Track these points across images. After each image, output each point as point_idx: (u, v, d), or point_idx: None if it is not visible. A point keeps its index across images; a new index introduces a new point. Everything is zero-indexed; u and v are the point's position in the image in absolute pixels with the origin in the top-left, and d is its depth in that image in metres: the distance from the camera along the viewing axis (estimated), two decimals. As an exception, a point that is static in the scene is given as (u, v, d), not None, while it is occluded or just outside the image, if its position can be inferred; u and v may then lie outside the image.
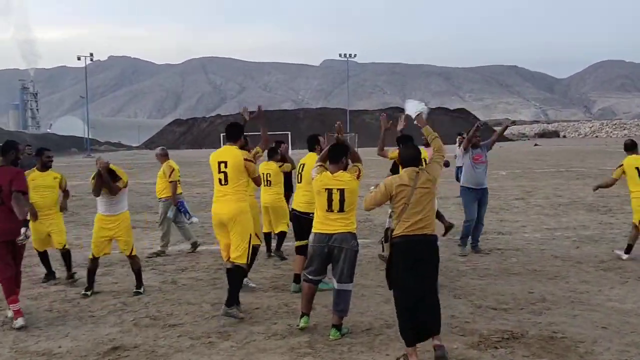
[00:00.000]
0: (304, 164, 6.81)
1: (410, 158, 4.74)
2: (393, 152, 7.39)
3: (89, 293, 6.58)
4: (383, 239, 4.96)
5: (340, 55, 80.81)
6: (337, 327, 5.14)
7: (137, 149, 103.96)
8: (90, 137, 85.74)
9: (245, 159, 5.80)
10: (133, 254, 6.74)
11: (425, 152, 6.73)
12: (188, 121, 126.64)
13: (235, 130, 6.11)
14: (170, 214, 8.87)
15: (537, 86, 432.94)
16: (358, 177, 5.24)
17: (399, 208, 4.55)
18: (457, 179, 11.60)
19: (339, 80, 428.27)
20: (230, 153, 5.82)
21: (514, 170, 26.16)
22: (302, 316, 5.33)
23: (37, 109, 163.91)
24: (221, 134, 77.08)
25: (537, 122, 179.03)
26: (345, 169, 5.25)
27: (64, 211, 7.47)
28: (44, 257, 7.37)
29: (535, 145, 69.48)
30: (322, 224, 5.15)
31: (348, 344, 4.95)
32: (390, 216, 6.15)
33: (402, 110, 6.04)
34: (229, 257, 5.82)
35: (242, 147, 6.12)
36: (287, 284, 6.95)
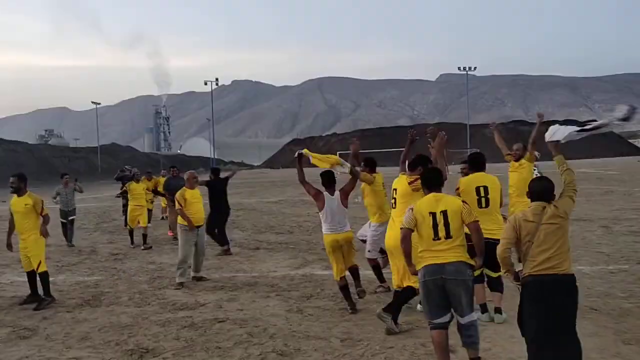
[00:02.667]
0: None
1: (540, 191, 4.35)
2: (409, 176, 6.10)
3: None
4: (513, 279, 4.43)
5: (459, 68, 78.56)
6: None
7: (258, 168, 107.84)
8: (215, 156, 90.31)
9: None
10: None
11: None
12: (305, 140, 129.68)
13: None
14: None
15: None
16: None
17: (524, 246, 4.23)
18: None
19: (456, 94, 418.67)
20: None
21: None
22: None
23: (169, 132, 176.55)
24: (337, 152, 77.95)
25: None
26: None
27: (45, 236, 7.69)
28: (30, 277, 7.68)
29: (682, 158, 62.71)
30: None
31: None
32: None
33: (524, 122, 5.52)
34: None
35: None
36: (422, 319, 6.31)
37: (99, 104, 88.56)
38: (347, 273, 6.88)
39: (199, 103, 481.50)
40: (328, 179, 6.90)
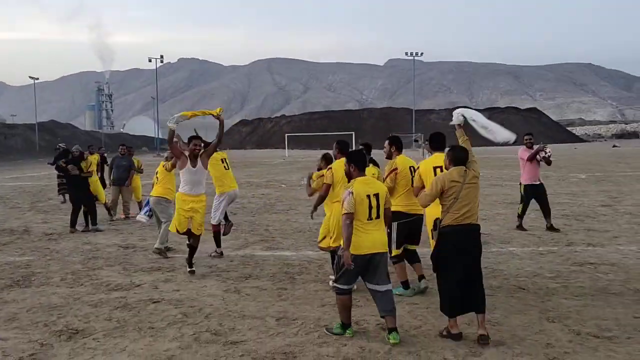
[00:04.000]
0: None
1: (460, 158, 5.20)
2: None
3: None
4: (432, 228, 5.39)
5: (406, 54, 79.37)
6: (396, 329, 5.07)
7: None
8: (160, 136, 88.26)
9: None
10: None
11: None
12: (254, 122, 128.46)
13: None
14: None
15: (613, 84, 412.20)
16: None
17: (449, 201, 5.04)
18: None
19: (404, 79, 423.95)
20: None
21: (595, 174, 24.53)
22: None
23: (112, 110, 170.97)
24: (286, 134, 77.62)
25: (614, 122, 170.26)
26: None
27: None
28: None
29: (614, 146, 65.76)
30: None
31: (429, 374, 4.36)
32: None
33: (469, 108, 6.31)
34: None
35: None
36: (356, 297, 6.41)
37: (37, 79, 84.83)
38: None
39: (143, 80, 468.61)
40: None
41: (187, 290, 6.83)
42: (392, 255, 6.39)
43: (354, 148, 6.99)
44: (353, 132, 57.36)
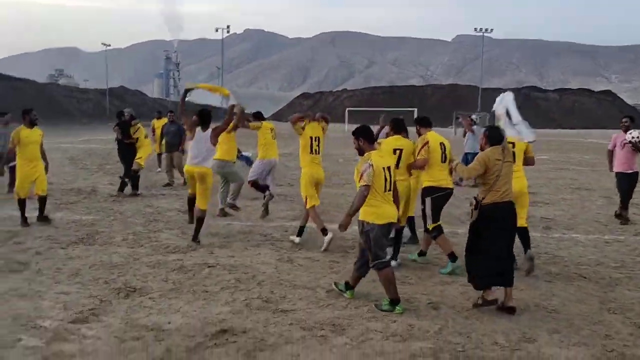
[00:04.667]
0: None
1: (496, 137, 5.33)
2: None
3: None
4: (473, 207, 5.32)
5: (475, 29, 76.87)
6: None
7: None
8: (224, 106, 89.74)
9: None
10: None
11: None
12: (315, 95, 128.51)
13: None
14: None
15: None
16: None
17: (491, 180, 5.18)
18: None
19: (471, 56, 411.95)
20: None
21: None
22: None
23: (179, 78, 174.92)
24: (347, 108, 77.23)
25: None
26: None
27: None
28: (23, 204, 8.59)
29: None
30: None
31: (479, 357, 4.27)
32: None
33: (538, 89, 6.24)
34: None
35: None
36: (408, 275, 6.35)
37: (109, 46, 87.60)
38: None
39: (210, 50, 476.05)
40: (204, 117, 7.72)
41: (242, 257, 6.95)
42: (430, 229, 6.61)
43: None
44: (416, 109, 56.32)
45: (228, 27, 79.19)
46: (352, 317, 4.99)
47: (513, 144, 6.30)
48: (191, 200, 8.06)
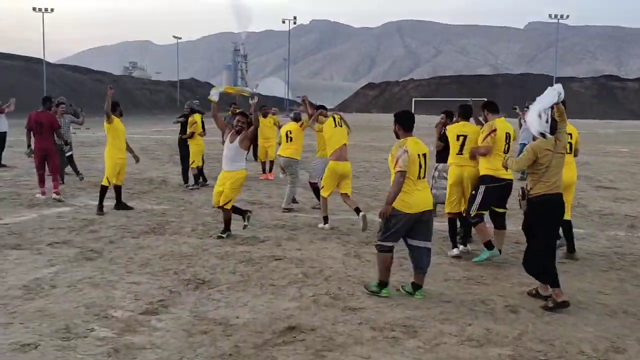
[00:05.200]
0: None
1: (552, 127, 5.05)
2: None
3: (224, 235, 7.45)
4: (521, 197, 5.19)
5: (549, 16, 73.65)
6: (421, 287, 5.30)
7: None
8: (289, 97, 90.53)
9: None
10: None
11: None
12: (381, 85, 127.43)
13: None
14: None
15: None
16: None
17: (541, 170, 5.03)
18: None
19: (544, 44, 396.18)
20: None
21: None
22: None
23: (246, 70, 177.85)
24: (413, 98, 76.13)
25: None
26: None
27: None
28: (105, 192, 9.00)
29: None
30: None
31: (564, 367, 3.95)
32: (438, 176, 7.83)
33: (616, 78, 5.75)
34: None
35: None
36: (483, 275, 6.04)
37: (180, 38, 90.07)
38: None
39: (277, 42, 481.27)
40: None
41: (309, 251, 6.85)
42: (472, 215, 6.39)
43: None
44: (485, 99, 54.76)
45: (295, 18, 79.69)
46: (425, 318, 4.77)
47: (571, 134, 6.42)
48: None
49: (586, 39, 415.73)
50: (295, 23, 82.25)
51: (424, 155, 5.13)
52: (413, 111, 7.82)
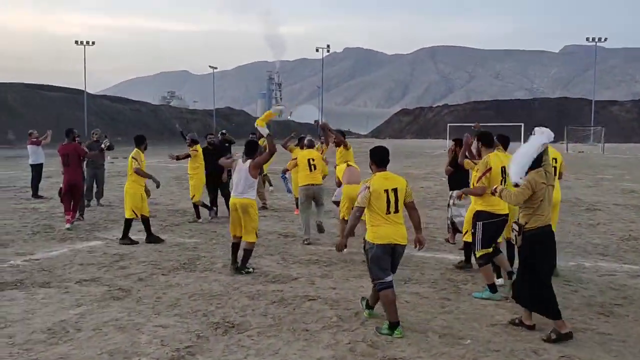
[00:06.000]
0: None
1: (537, 160, 5.08)
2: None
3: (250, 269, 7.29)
4: (517, 233, 5.12)
5: (587, 39, 72.38)
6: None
7: (364, 137, 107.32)
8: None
9: None
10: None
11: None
12: (414, 111, 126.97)
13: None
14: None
15: None
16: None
17: (536, 204, 5.01)
18: None
19: (580, 67, 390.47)
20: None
21: None
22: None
23: (280, 98, 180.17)
24: (448, 124, 75.29)
25: None
26: None
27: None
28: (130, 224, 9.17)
29: None
30: None
31: None
32: (453, 204, 8.04)
33: None
34: None
35: None
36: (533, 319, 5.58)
37: (216, 68, 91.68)
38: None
39: (310, 70, 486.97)
40: (248, 148, 7.52)
41: (344, 290, 6.50)
42: (478, 256, 6.22)
43: (523, 140, 6.90)
44: (522, 124, 53.63)
45: (328, 46, 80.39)
46: (471, 370, 4.36)
47: (555, 159, 6.79)
48: (235, 244, 7.47)
49: (625, 61, 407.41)
50: (328, 51, 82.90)
51: (394, 190, 5.16)
52: (448, 137, 7.96)
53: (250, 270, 7.27)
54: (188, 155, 11.35)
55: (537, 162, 5.06)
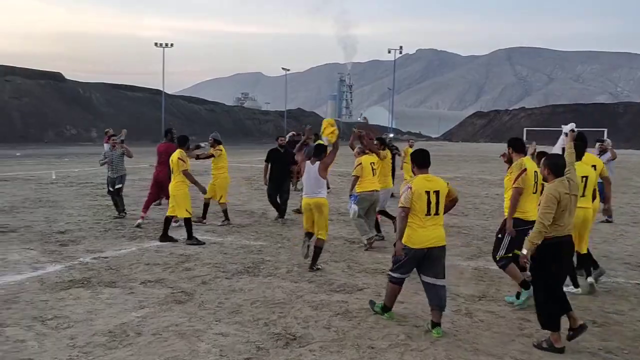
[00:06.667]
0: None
1: (563, 166, 4.99)
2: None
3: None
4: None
5: (680, 39, 67.57)
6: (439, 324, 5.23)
7: (436, 140, 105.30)
8: (393, 126, 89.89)
9: None
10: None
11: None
12: (489, 114, 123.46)
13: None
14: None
15: None
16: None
17: (558, 214, 4.83)
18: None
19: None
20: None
21: None
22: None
23: (351, 100, 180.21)
24: (524, 128, 72.57)
25: None
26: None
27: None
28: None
29: None
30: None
31: None
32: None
33: None
34: None
35: None
36: (624, 347, 5.00)
37: (289, 70, 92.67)
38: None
39: (382, 71, 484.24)
40: (316, 150, 7.70)
41: (412, 304, 6.12)
42: (498, 258, 6.16)
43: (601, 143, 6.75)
44: (605, 129, 50.81)
45: (400, 47, 79.34)
46: (556, 406, 3.90)
47: (595, 166, 6.87)
48: (308, 233, 7.73)
49: None
50: (401, 52, 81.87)
51: (436, 192, 5.19)
52: (525, 140, 7.73)
53: (320, 267, 7.54)
54: (211, 155, 11.14)
55: (563, 169, 4.98)
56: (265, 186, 11.71)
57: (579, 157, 6.52)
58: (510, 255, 6.13)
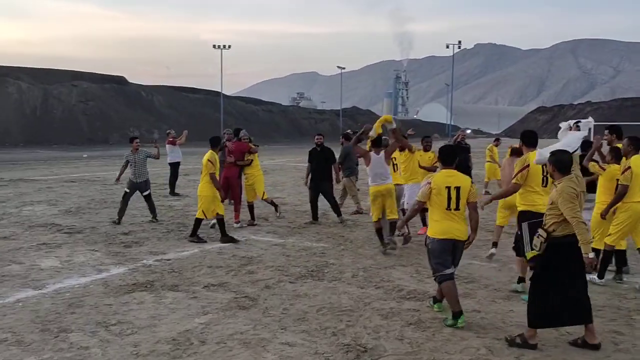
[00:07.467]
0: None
1: (569, 163, 4.88)
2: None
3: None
4: (543, 240, 4.82)
5: None
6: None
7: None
8: (452, 123, 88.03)
9: None
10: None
11: None
12: (553, 109, 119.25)
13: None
14: None
15: None
16: None
17: None
18: None
19: None
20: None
21: None
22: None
23: (407, 97, 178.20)
24: (591, 123, 69.32)
25: None
26: None
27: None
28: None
29: None
30: None
31: None
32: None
33: None
34: None
35: None
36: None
37: (344, 68, 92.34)
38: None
39: (438, 68, 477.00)
40: (376, 142, 8.48)
41: (490, 314, 5.67)
42: (529, 258, 5.40)
43: None
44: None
45: (459, 42, 77.67)
46: None
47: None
48: (379, 230, 8.40)
49: None
50: (459, 47, 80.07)
51: (457, 188, 5.29)
52: (592, 137, 7.76)
53: (395, 240, 8.47)
54: (250, 161, 11.00)
55: (570, 166, 4.89)
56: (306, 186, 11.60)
57: (635, 151, 6.64)
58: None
